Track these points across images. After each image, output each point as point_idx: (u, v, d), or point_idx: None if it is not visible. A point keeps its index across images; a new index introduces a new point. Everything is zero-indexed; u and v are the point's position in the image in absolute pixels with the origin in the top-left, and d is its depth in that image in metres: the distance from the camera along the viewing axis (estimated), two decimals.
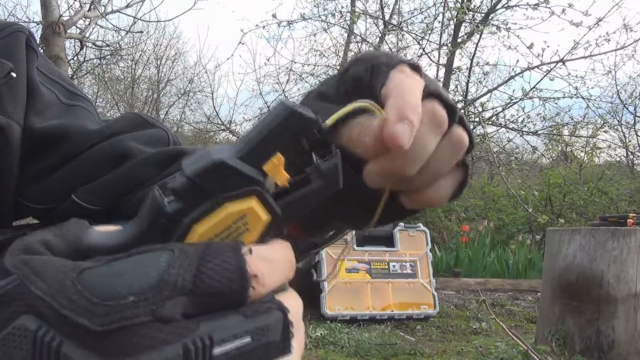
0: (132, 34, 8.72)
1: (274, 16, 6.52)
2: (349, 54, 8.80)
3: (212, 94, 11.86)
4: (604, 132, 8.16)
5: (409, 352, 3.05)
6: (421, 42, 6.90)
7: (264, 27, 6.71)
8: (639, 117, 9.35)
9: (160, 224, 0.30)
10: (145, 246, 0.28)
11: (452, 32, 6.94)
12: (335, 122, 0.36)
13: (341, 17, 7.54)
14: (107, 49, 8.51)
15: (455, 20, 6.61)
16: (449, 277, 5.36)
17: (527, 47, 6.29)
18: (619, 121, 9.33)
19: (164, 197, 0.30)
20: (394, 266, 3.93)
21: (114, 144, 0.69)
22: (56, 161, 0.69)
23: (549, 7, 6.01)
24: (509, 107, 7.07)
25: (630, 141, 9.54)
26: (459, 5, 6.37)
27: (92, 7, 5.36)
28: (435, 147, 0.38)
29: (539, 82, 6.98)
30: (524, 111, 7.08)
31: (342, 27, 7.92)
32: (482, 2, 6.87)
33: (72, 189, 0.67)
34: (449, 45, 6.79)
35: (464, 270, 5.71)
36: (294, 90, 9.39)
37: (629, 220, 3.52)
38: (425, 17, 7.23)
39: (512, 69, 6.80)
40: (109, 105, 13.59)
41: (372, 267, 3.88)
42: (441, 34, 7.03)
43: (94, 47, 7.55)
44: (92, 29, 6.45)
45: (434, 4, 7.09)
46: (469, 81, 7.26)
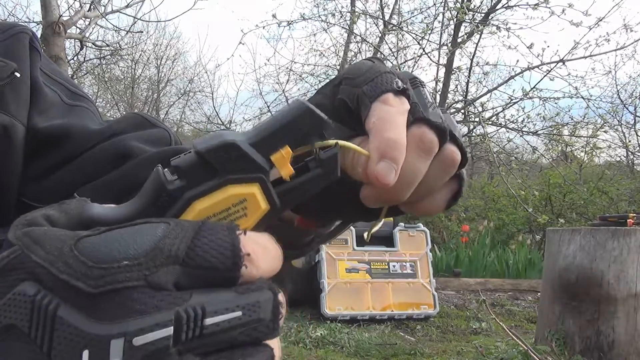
0: (132, 34, 8.72)
1: (274, 16, 6.52)
2: (349, 54, 8.80)
3: (212, 94, 11.88)
4: (604, 132, 8.17)
5: (409, 352, 3.05)
6: (421, 42, 6.90)
7: (264, 27, 6.72)
8: (639, 117, 9.35)
9: (161, 200, 0.31)
10: (142, 219, 0.29)
11: (452, 32, 6.94)
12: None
13: (341, 17, 7.54)
14: (107, 49, 8.51)
15: (455, 20, 6.61)
16: (449, 277, 5.36)
17: (527, 47, 6.29)
18: (619, 121, 9.34)
19: (167, 174, 0.31)
20: (394, 266, 3.92)
21: (115, 144, 0.70)
22: (58, 160, 0.70)
23: (549, 7, 6.01)
24: (509, 107, 7.07)
25: (630, 141, 9.54)
26: (459, 5, 6.36)
27: (92, 7, 5.36)
28: (424, 171, 0.38)
29: (539, 82, 6.99)
30: (524, 111, 7.08)
31: (342, 27, 7.92)
32: (482, 2, 6.88)
33: (74, 188, 0.68)
34: (449, 45, 6.79)
35: (464, 270, 5.71)
36: (294, 90, 9.41)
37: (629, 220, 3.52)
38: (425, 17, 7.24)
39: (512, 69, 6.81)
40: (109, 105, 13.59)
41: (372, 267, 3.87)
42: (441, 34, 7.03)
43: (94, 47, 7.55)
44: (92, 29, 6.45)
45: (434, 4, 7.10)
46: (469, 81, 7.27)
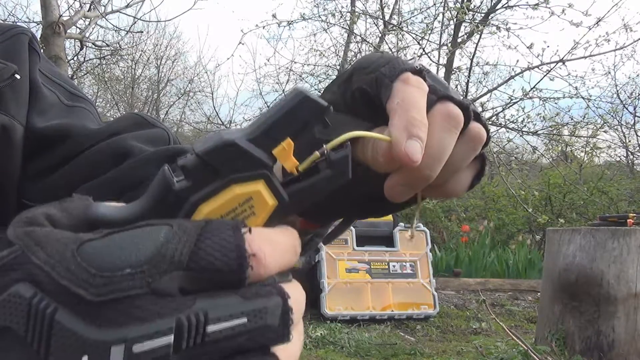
0: (132, 34, 8.72)
1: (274, 16, 6.52)
2: (349, 54, 8.79)
3: (212, 94, 11.88)
4: (604, 132, 8.16)
5: (409, 352, 3.05)
6: (421, 42, 6.90)
7: (264, 27, 6.72)
8: (638, 117, 9.35)
9: (167, 201, 0.30)
10: (145, 221, 0.28)
11: (452, 32, 6.94)
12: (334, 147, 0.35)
13: (341, 17, 7.55)
14: (107, 49, 8.51)
15: (455, 20, 6.61)
16: (449, 277, 5.36)
17: (527, 47, 6.29)
18: (618, 121, 9.34)
19: (173, 175, 0.31)
20: (394, 266, 3.93)
21: (114, 143, 0.70)
22: (58, 160, 0.70)
23: (549, 7, 6.01)
24: (509, 107, 7.07)
25: (630, 141, 9.54)
26: (459, 5, 6.37)
27: (92, 7, 5.36)
28: (453, 146, 0.38)
29: (539, 82, 7.00)
30: (524, 111, 7.08)
31: (342, 27, 7.92)
32: (482, 2, 6.88)
33: (73, 188, 0.68)
34: (449, 45, 6.79)
35: (464, 270, 5.71)
36: None
37: (629, 220, 3.52)
38: (425, 17, 7.24)
39: (512, 69, 6.80)
40: (109, 105, 13.60)
41: (372, 267, 3.87)
42: (441, 34, 7.03)
43: (94, 47, 7.55)
44: (92, 29, 6.45)
45: (434, 4, 7.10)
46: (469, 81, 7.26)
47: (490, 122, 7.10)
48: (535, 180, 8.68)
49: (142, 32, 9.55)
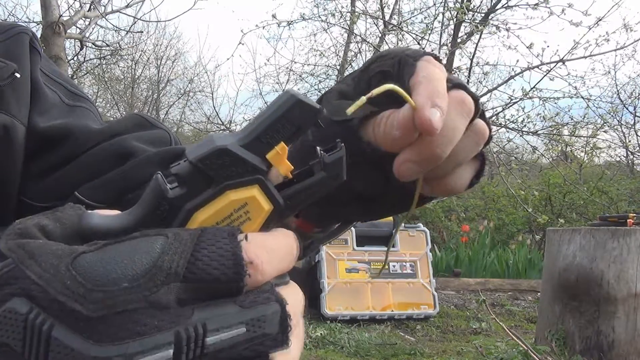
0: (132, 34, 8.72)
1: (274, 16, 6.52)
2: (349, 54, 8.79)
3: (212, 94, 11.86)
4: (604, 132, 8.16)
5: (409, 352, 3.05)
6: (421, 42, 6.90)
7: (264, 27, 6.72)
8: (638, 117, 9.35)
9: (162, 209, 0.30)
10: (140, 231, 0.28)
11: (452, 32, 6.94)
12: (356, 110, 0.36)
13: (341, 17, 7.54)
14: (107, 49, 8.50)
15: (455, 20, 6.61)
16: (449, 277, 5.36)
17: (527, 47, 6.29)
18: (619, 121, 9.33)
19: (167, 183, 0.30)
20: (394, 266, 3.92)
21: (116, 144, 0.70)
22: (59, 160, 0.70)
23: (549, 7, 6.01)
24: (509, 107, 7.07)
25: (630, 141, 9.54)
26: (458, 5, 6.36)
27: (92, 7, 5.35)
28: (463, 132, 0.39)
29: (539, 82, 6.99)
30: (524, 111, 7.07)
31: (342, 27, 7.92)
32: (482, 2, 6.88)
33: (75, 187, 0.68)
34: (449, 45, 6.79)
35: (464, 270, 5.71)
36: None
37: (629, 220, 3.52)
38: (425, 17, 7.24)
39: (512, 69, 6.80)
40: (109, 105, 13.59)
41: (372, 267, 3.87)
42: (441, 34, 7.03)
43: (94, 47, 7.55)
44: (92, 29, 6.45)
45: (434, 4, 7.10)
46: (469, 81, 7.25)
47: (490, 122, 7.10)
48: (535, 180, 8.68)
49: (142, 32, 9.55)
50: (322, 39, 20.93)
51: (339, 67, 8.75)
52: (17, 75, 0.69)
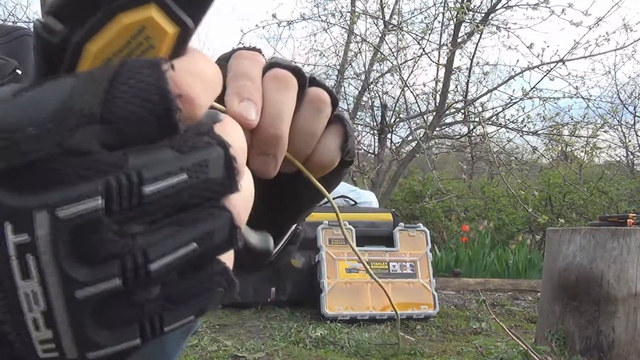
0: None
1: (274, 16, 6.52)
2: (349, 54, 8.79)
3: None
4: (604, 132, 8.16)
5: (409, 352, 3.05)
6: (421, 42, 6.90)
7: (263, 27, 6.71)
8: (639, 117, 9.35)
9: (51, 57, 0.25)
10: (50, 77, 0.24)
11: (452, 32, 6.94)
12: None
13: (341, 17, 7.54)
14: None
15: (455, 20, 6.61)
16: (449, 277, 5.36)
17: (527, 47, 6.29)
18: (619, 121, 9.33)
19: (47, 26, 0.25)
20: (394, 266, 3.92)
21: None
22: None
23: (549, 7, 6.01)
24: (509, 107, 7.07)
25: (630, 141, 9.55)
26: (459, 5, 6.36)
27: None
28: (292, 104, 0.39)
29: (539, 82, 6.98)
30: (524, 111, 7.08)
31: (342, 27, 7.92)
32: (482, 2, 6.87)
33: None
34: (449, 45, 6.79)
35: (464, 270, 5.71)
36: None
37: (629, 220, 3.52)
38: (425, 17, 7.23)
39: (512, 69, 6.80)
40: None
41: (372, 267, 3.87)
42: (441, 34, 7.03)
43: None
44: None
45: (434, 4, 7.10)
46: (469, 81, 7.26)
47: (490, 122, 7.10)
48: (535, 180, 8.68)
49: None
50: (322, 39, 20.92)
51: (339, 67, 8.75)
52: (19, 72, 0.70)
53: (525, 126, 7.14)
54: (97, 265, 0.23)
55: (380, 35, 7.71)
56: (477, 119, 6.92)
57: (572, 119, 7.72)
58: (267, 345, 3.06)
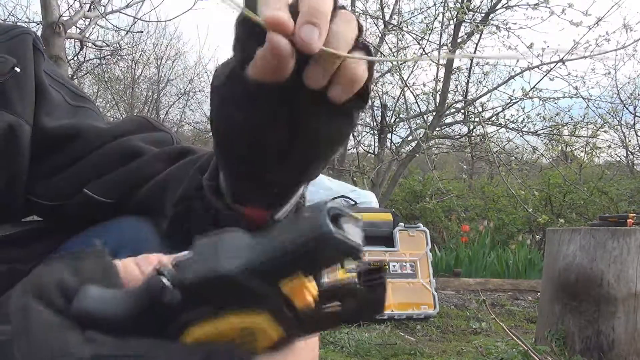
0: (132, 34, 8.71)
1: None
2: None
3: None
4: (604, 132, 8.15)
5: (409, 352, 3.05)
6: (421, 42, 6.90)
7: None
8: (639, 117, 9.35)
9: (155, 310, 0.28)
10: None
11: (452, 32, 6.93)
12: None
13: None
14: (107, 49, 8.49)
15: (455, 20, 6.61)
16: (449, 277, 5.36)
17: (527, 47, 6.28)
18: (619, 121, 9.33)
19: (165, 283, 0.28)
20: (394, 266, 3.92)
21: (124, 143, 0.73)
22: (67, 160, 0.72)
23: (549, 7, 6.01)
24: (509, 107, 7.06)
25: (630, 141, 9.54)
26: (459, 5, 6.36)
27: (92, 7, 5.35)
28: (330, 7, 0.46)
29: (539, 82, 6.97)
30: (524, 111, 7.07)
31: None
32: (482, 2, 6.87)
33: (82, 186, 0.70)
34: (449, 45, 6.78)
35: (464, 270, 5.71)
36: None
37: (629, 220, 3.51)
38: (425, 17, 7.22)
39: (512, 69, 6.79)
40: (109, 105, 13.58)
41: (372, 267, 3.87)
42: (441, 34, 7.02)
43: (94, 47, 7.54)
44: (92, 29, 6.44)
45: (434, 4, 7.09)
46: (469, 81, 7.25)
47: (490, 122, 7.09)
48: (535, 180, 8.67)
49: (142, 32, 9.54)
50: None
51: None
52: (17, 69, 0.70)
53: (525, 126, 7.14)
54: None
55: (380, 35, 7.71)
56: (477, 119, 6.91)
57: (572, 119, 7.72)
58: None
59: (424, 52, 6.98)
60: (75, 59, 7.60)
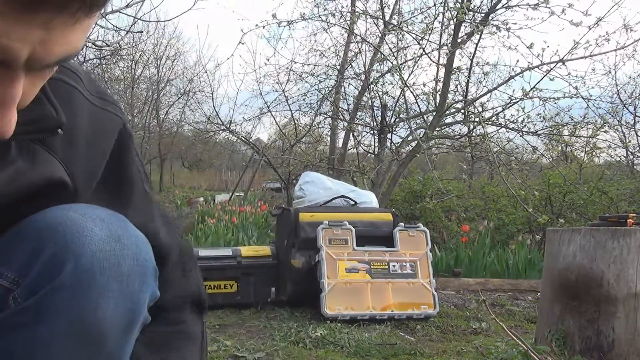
0: (132, 34, 8.70)
1: (274, 16, 6.51)
2: (349, 54, 8.79)
3: (212, 94, 11.86)
4: (604, 132, 8.15)
5: (409, 352, 3.05)
6: (421, 42, 6.89)
7: (264, 27, 6.70)
8: (639, 117, 9.35)
9: None
10: None
11: (452, 32, 6.93)
12: None
13: (341, 17, 7.54)
14: (107, 49, 8.50)
15: (455, 20, 6.60)
16: (449, 277, 5.36)
17: (527, 47, 6.28)
18: (619, 121, 9.34)
19: None
20: (394, 266, 3.92)
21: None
22: None
23: (549, 7, 6.00)
24: (509, 107, 7.05)
25: (630, 141, 9.55)
26: (459, 5, 6.36)
27: None
28: None
29: (539, 82, 6.95)
30: (524, 111, 7.05)
31: (342, 27, 7.91)
32: (482, 2, 6.87)
33: None
34: (449, 45, 6.78)
35: (464, 270, 5.71)
36: (294, 90, 9.38)
37: (629, 220, 3.51)
38: (425, 17, 7.22)
39: (512, 69, 6.78)
40: None
41: (372, 267, 3.87)
42: (441, 34, 7.01)
43: (94, 47, 7.54)
44: (92, 29, 6.44)
45: (434, 4, 7.08)
46: (469, 81, 7.24)
47: (490, 122, 7.08)
48: (535, 180, 8.67)
49: (142, 32, 9.54)
50: (322, 39, 20.89)
51: (339, 67, 8.75)
52: (60, 132, 0.73)
53: (525, 126, 7.12)
54: None
55: (380, 35, 7.71)
56: (477, 119, 6.91)
57: (572, 119, 7.71)
58: (267, 345, 3.06)
59: (424, 52, 6.98)
60: (75, 59, 7.59)
